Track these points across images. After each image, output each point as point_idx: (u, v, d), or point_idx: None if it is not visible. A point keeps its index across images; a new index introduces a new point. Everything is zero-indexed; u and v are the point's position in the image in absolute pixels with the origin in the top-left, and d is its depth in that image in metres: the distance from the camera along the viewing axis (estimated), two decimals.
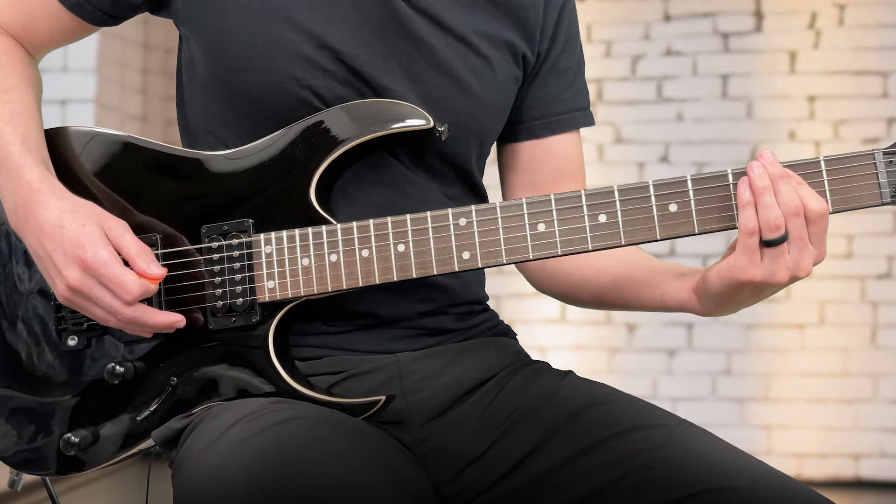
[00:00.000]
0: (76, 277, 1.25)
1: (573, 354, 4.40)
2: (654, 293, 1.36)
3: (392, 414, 1.33)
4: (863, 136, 4.27)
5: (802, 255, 1.18)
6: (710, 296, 1.26)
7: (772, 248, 1.18)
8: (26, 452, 1.37)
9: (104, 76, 4.13)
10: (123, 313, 1.25)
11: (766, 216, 1.17)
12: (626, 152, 4.45)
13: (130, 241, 1.27)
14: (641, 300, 1.38)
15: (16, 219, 1.30)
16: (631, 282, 1.39)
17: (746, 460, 1.23)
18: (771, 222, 1.17)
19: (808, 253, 1.18)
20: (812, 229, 1.18)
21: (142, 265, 1.25)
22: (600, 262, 1.43)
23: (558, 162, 1.49)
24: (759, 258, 1.18)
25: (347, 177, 1.35)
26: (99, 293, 1.25)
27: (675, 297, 1.32)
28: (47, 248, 1.27)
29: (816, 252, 1.19)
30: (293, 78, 1.33)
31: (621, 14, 4.47)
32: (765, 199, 1.17)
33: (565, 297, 1.51)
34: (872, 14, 4.29)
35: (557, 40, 1.46)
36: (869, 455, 4.22)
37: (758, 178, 1.18)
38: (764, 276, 1.19)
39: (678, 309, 1.33)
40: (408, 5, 1.36)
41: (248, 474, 1.11)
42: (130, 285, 1.24)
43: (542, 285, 1.52)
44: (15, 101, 1.36)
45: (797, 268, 1.18)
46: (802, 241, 1.18)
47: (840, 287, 4.25)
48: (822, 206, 1.18)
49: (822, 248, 1.20)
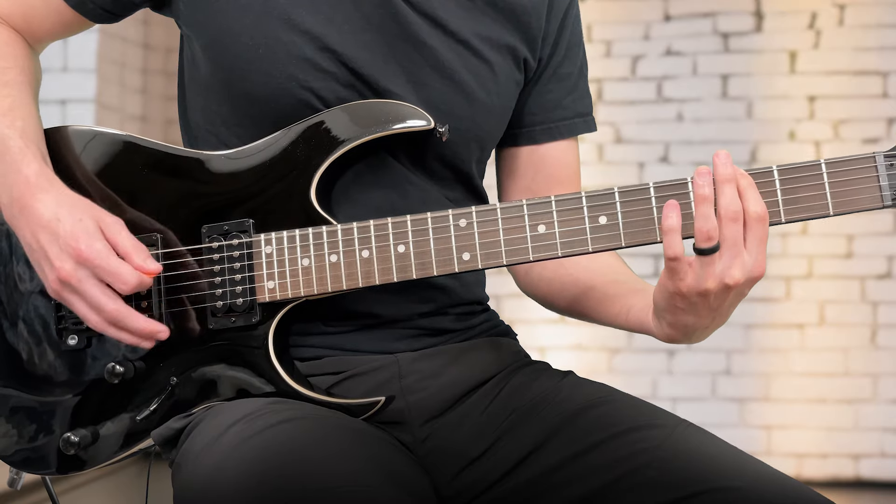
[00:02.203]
0: (68, 270, 1.25)
1: (573, 354, 4.40)
2: (620, 310, 1.35)
3: (392, 414, 1.33)
4: (863, 137, 4.27)
5: (734, 262, 1.16)
6: (659, 313, 1.24)
7: (703, 257, 1.16)
8: (26, 451, 1.37)
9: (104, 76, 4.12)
10: (108, 309, 1.25)
11: (699, 226, 1.16)
12: (626, 152, 4.45)
13: (126, 238, 1.27)
14: (608, 316, 1.37)
15: (10, 212, 1.30)
16: (600, 295, 1.38)
17: (746, 460, 1.23)
18: (703, 233, 1.15)
19: (739, 261, 1.16)
20: (749, 235, 1.16)
21: (137, 261, 1.25)
22: (577, 270, 1.42)
23: (554, 168, 1.49)
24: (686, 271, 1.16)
25: (348, 177, 1.35)
26: (87, 287, 1.25)
27: (637, 317, 1.31)
28: (41, 241, 1.27)
29: (752, 262, 1.16)
30: (294, 79, 1.33)
31: (621, 14, 4.47)
32: (702, 210, 1.16)
33: (543, 302, 1.51)
34: (872, 14, 4.29)
35: (559, 47, 1.46)
36: (869, 455, 4.22)
37: (700, 187, 1.16)
38: (689, 287, 1.16)
39: (638, 329, 1.31)
40: (410, 8, 1.36)
41: (247, 474, 1.11)
42: (126, 275, 1.24)
43: (525, 288, 1.52)
44: (14, 94, 1.36)
45: (725, 275, 1.16)
46: (736, 248, 1.16)
47: (840, 287, 4.25)
48: (762, 209, 1.16)
49: (759, 258, 1.16)
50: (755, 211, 1.16)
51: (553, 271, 1.46)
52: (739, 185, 1.17)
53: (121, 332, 1.27)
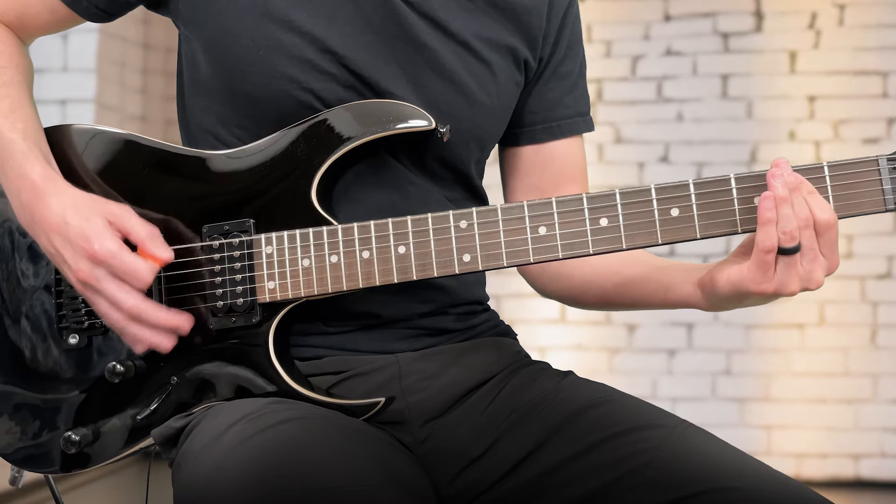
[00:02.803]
0: (85, 271, 1.25)
1: (573, 354, 4.40)
2: (657, 289, 1.36)
3: (392, 414, 1.33)
4: (863, 137, 4.27)
5: (814, 265, 1.19)
6: (718, 297, 1.26)
7: (785, 258, 1.18)
8: (29, 450, 1.38)
9: (104, 76, 4.12)
10: (127, 305, 1.25)
11: (782, 227, 1.18)
12: (626, 152, 4.45)
13: (137, 224, 1.27)
14: (646, 298, 1.38)
15: (24, 219, 1.32)
16: (634, 280, 1.39)
17: (746, 460, 1.23)
18: (787, 233, 1.17)
19: (819, 264, 1.19)
20: (822, 240, 1.19)
21: (152, 248, 1.26)
22: (600, 262, 1.43)
23: (560, 166, 1.49)
24: (773, 272, 1.19)
25: (349, 177, 1.35)
26: (105, 285, 1.25)
27: (679, 293, 1.32)
28: (56, 245, 1.28)
29: (828, 263, 1.20)
30: (295, 81, 1.33)
31: (621, 14, 4.47)
32: (783, 210, 1.18)
33: (568, 300, 1.51)
34: (872, 14, 4.29)
35: (560, 46, 1.46)
36: (869, 455, 4.22)
37: (780, 188, 1.18)
38: (776, 288, 1.19)
39: (682, 304, 1.33)
40: (410, 9, 1.36)
41: (247, 474, 1.11)
42: (142, 272, 1.25)
43: (545, 288, 1.52)
44: (13, 94, 1.37)
45: (808, 279, 1.19)
46: (814, 252, 1.18)
47: (840, 287, 4.25)
48: (831, 216, 1.18)
49: (833, 259, 1.20)
50: (824, 218, 1.18)
51: (574, 268, 1.45)
52: (803, 192, 1.19)
53: (143, 329, 1.27)
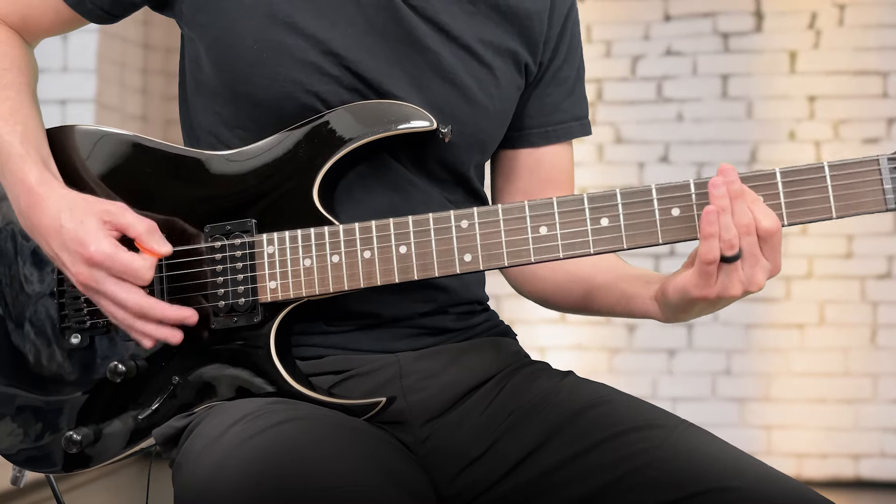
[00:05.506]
0: (85, 274, 1.26)
1: (573, 354, 4.40)
2: (620, 300, 1.38)
3: (393, 414, 1.33)
4: (863, 137, 4.27)
5: (755, 270, 1.20)
6: (671, 307, 1.28)
7: (726, 265, 1.19)
8: (31, 450, 1.38)
9: (104, 76, 4.12)
10: (130, 303, 1.26)
11: (722, 236, 1.18)
12: (626, 152, 4.45)
13: (133, 220, 1.27)
14: (610, 307, 1.41)
15: (25, 223, 1.33)
16: (601, 288, 1.41)
17: (746, 460, 1.23)
18: (726, 241, 1.18)
19: (760, 268, 1.20)
20: (766, 246, 1.20)
21: (150, 243, 1.26)
22: (576, 268, 1.44)
23: (548, 171, 1.49)
24: (715, 279, 1.20)
25: (350, 178, 1.35)
26: (106, 286, 1.26)
27: (638, 305, 1.35)
28: (55, 249, 1.29)
29: (770, 265, 1.21)
30: (298, 83, 1.33)
31: (621, 14, 4.47)
32: (723, 220, 1.19)
33: (541, 301, 1.52)
34: (872, 14, 4.29)
35: (560, 50, 1.47)
36: (869, 455, 4.22)
37: (719, 199, 1.19)
38: (719, 293, 1.21)
39: (643, 316, 1.36)
40: (413, 12, 1.36)
41: (248, 474, 1.11)
42: (140, 270, 1.25)
43: (520, 287, 1.53)
44: (13, 97, 1.37)
45: (749, 283, 1.20)
46: (755, 258, 1.19)
47: (840, 287, 4.26)
48: (774, 223, 1.19)
49: (776, 262, 1.21)
50: (767, 226, 1.19)
51: (549, 271, 1.47)
52: (747, 200, 1.20)
53: (149, 325, 1.28)
